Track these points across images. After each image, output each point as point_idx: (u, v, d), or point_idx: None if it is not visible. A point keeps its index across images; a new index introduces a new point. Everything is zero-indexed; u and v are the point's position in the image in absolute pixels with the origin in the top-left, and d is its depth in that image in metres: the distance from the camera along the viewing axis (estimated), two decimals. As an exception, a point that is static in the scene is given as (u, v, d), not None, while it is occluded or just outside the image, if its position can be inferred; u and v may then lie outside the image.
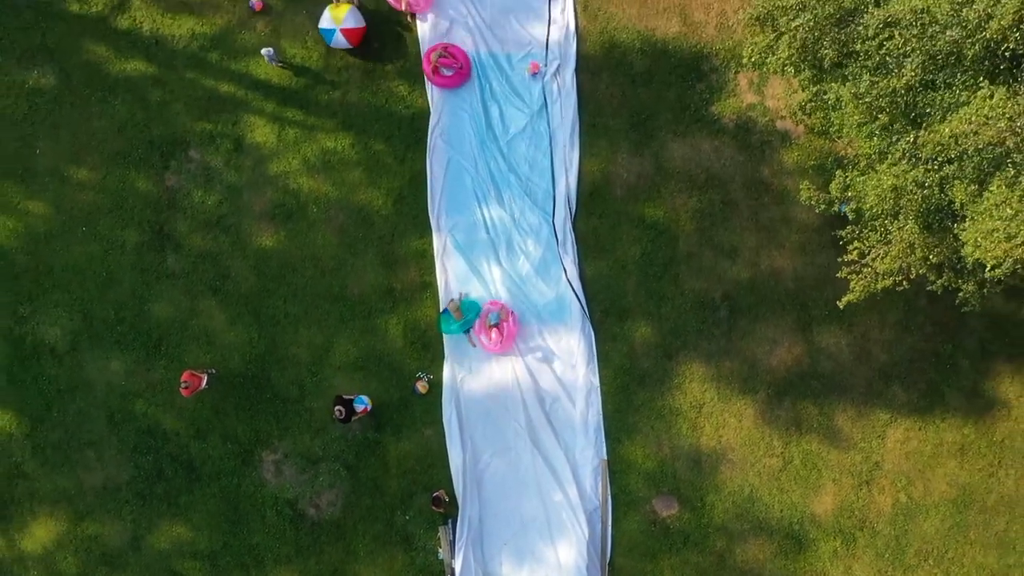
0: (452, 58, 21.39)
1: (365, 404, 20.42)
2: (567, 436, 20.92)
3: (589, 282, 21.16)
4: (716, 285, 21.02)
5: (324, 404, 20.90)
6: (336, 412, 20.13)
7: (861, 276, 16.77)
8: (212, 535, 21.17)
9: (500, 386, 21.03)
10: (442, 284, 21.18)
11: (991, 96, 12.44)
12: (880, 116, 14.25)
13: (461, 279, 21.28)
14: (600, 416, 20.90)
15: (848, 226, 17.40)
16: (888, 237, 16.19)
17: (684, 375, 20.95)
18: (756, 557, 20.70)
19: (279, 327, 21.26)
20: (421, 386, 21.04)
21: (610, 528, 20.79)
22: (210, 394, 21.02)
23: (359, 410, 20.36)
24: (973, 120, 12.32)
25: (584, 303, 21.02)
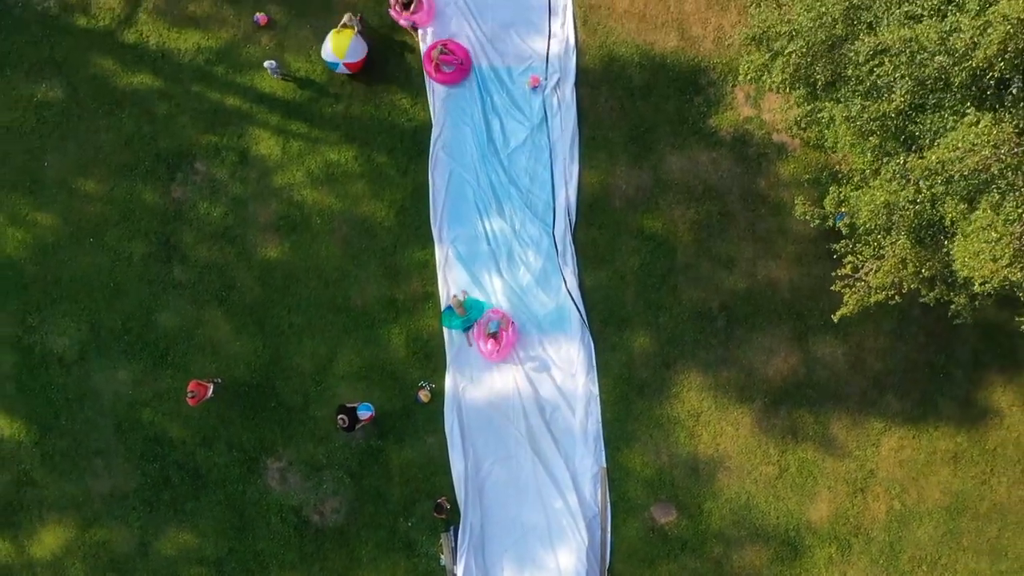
0: (452, 54, 21.61)
1: (369, 411, 20.64)
2: (567, 444, 21.16)
3: (589, 292, 21.39)
4: (713, 295, 21.27)
5: (328, 413, 21.11)
6: (339, 421, 20.38)
7: (855, 290, 17.03)
8: (218, 541, 21.39)
9: (501, 395, 21.29)
10: (444, 295, 21.42)
11: (977, 122, 12.74)
12: (871, 138, 14.60)
13: (463, 289, 21.55)
14: (599, 424, 21.13)
15: (842, 240, 17.67)
16: (881, 252, 16.44)
17: (682, 384, 21.22)
18: (753, 563, 20.95)
19: (284, 337, 21.52)
20: (423, 395, 21.27)
21: (609, 535, 20.99)
22: (216, 403, 21.24)
23: (363, 417, 20.54)
24: (959, 147, 12.63)
25: (584, 313, 21.27)
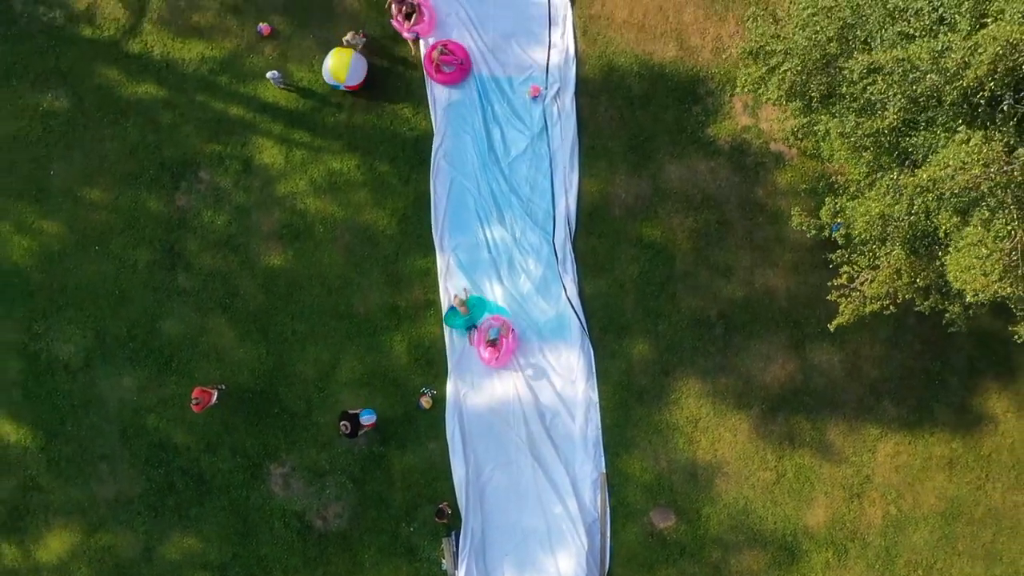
0: (452, 55, 21.80)
1: (372, 416, 20.81)
2: (567, 450, 21.36)
3: (588, 300, 21.61)
4: (712, 303, 21.48)
5: (331, 419, 21.30)
6: (342, 427, 20.57)
7: (850, 300, 17.27)
8: (222, 546, 21.57)
9: (502, 401, 21.50)
10: (445, 303, 21.64)
11: (968, 140, 12.99)
12: (865, 154, 14.85)
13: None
14: (599, 431, 21.33)
15: (838, 250, 17.90)
16: (876, 262, 16.69)
17: (681, 391, 21.44)
18: (750, 568, 21.16)
19: (287, 344, 21.74)
20: (425, 401, 21.47)
21: (609, 540, 21.18)
22: (220, 409, 21.42)
23: (365, 423, 20.69)
24: (950, 164, 12.88)
25: (583, 320, 21.49)
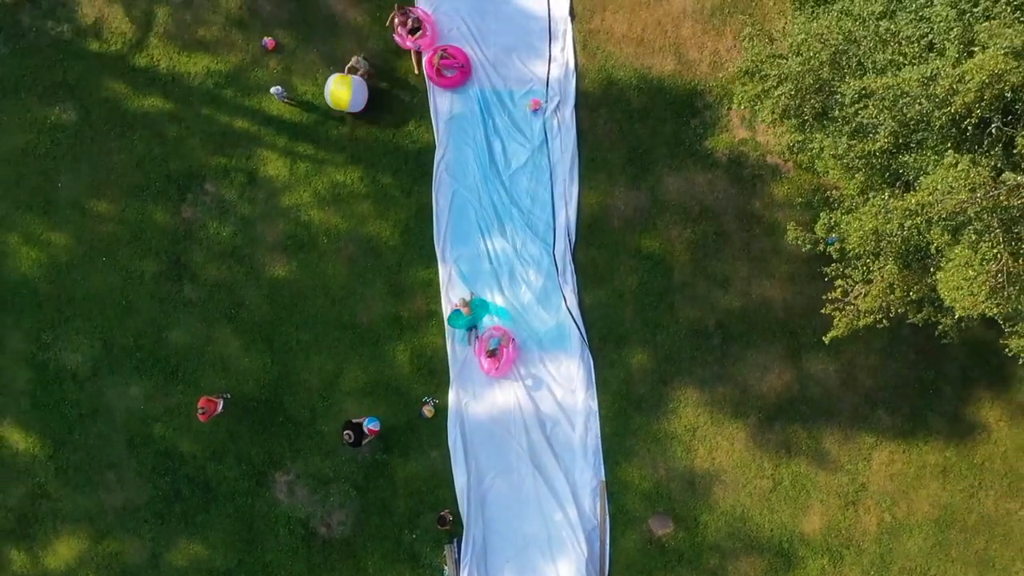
0: (452, 58, 22.06)
1: (376, 424, 21.02)
2: (567, 458, 21.65)
3: (588, 310, 21.90)
4: (709, 314, 21.77)
5: (335, 427, 21.59)
6: (345, 436, 20.82)
7: (844, 313, 17.57)
8: (228, 553, 21.84)
9: (503, 410, 21.80)
10: (447, 313, 21.91)
11: (955, 164, 13.30)
12: (857, 175, 15.17)
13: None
14: (598, 439, 21.60)
15: (833, 263, 18.20)
16: (870, 276, 17.00)
17: (679, 400, 21.74)
18: (748, 574, 21.43)
19: (291, 354, 22.03)
20: (427, 410, 21.75)
21: (608, 546, 21.45)
22: (225, 418, 21.70)
23: (370, 428, 20.86)
24: (937, 189, 13.20)
25: (583, 331, 21.78)
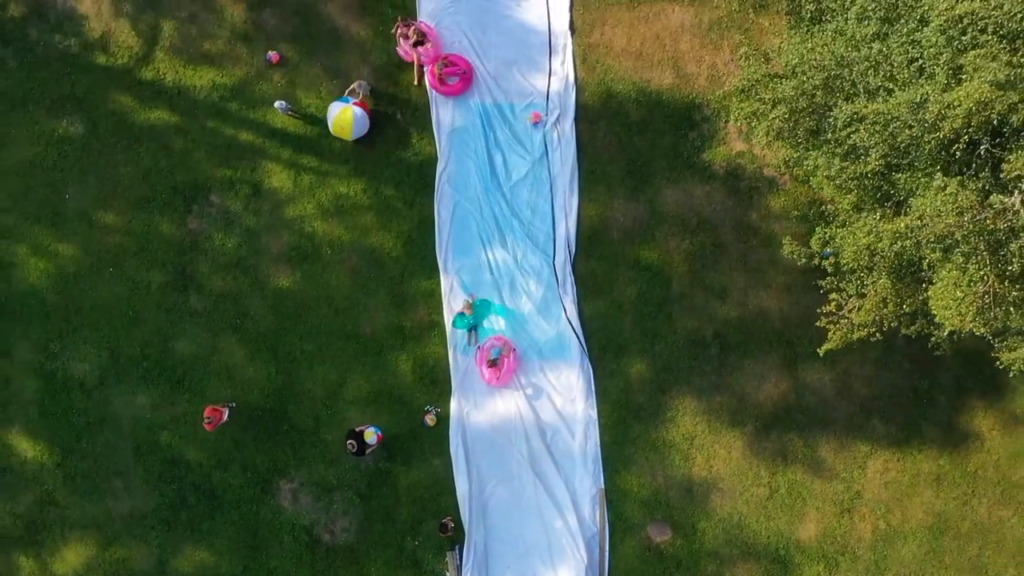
0: (454, 66, 22.34)
1: (378, 432, 21.32)
2: (567, 466, 21.91)
3: (588, 321, 22.17)
4: (707, 324, 22.06)
5: (338, 436, 21.83)
6: (348, 446, 21.07)
7: (839, 326, 17.89)
8: (233, 560, 22.10)
9: (504, 419, 22.07)
10: (449, 323, 22.22)
11: (944, 187, 13.64)
12: (849, 196, 15.49)
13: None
14: (598, 447, 21.88)
15: (828, 277, 18.51)
16: (864, 290, 17.32)
17: (677, 409, 22.03)
18: (745, 580, 21.82)
19: (295, 363, 22.31)
20: (429, 419, 22.01)
21: (607, 553, 21.71)
22: (230, 426, 21.96)
23: (372, 437, 21.13)
24: (926, 213, 13.53)
25: (583, 341, 22.06)
